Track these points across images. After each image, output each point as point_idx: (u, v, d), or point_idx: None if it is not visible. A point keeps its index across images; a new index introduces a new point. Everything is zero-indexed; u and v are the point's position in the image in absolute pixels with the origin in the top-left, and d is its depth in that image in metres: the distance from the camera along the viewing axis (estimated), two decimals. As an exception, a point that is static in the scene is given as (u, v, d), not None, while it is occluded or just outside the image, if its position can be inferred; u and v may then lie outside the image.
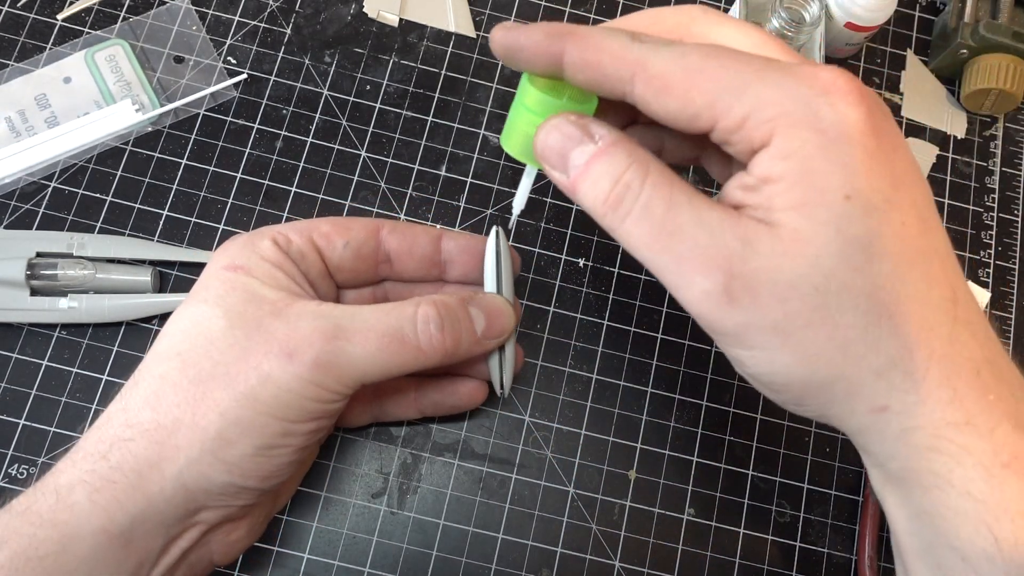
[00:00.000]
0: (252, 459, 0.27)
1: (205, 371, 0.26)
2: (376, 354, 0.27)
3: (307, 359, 0.26)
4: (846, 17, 0.40)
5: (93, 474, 0.25)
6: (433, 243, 0.32)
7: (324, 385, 0.27)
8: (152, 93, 0.40)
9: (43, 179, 0.38)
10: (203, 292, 0.28)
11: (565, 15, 0.43)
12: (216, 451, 0.26)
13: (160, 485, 0.26)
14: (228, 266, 0.28)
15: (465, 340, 0.29)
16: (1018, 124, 0.45)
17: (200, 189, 0.39)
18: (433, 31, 0.42)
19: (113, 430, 0.26)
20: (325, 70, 0.41)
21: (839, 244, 0.22)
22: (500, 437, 0.37)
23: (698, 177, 0.42)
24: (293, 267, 0.29)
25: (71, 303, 0.35)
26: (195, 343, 0.27)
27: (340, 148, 0.40)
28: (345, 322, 0.27)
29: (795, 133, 0.22)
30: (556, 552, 0.36)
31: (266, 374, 0.26)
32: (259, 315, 0.27)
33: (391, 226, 0.32)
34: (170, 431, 0.26)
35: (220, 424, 0.26)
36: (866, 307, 0.22)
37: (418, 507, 0.36)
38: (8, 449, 0.35)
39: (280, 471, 0.28)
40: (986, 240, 0.42)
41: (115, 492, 0.25)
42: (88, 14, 0.41)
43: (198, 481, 0.26)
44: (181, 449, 0.26)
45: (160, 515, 0.26)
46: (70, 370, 0.36)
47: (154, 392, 0.26)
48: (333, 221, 0.31)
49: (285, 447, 0.27)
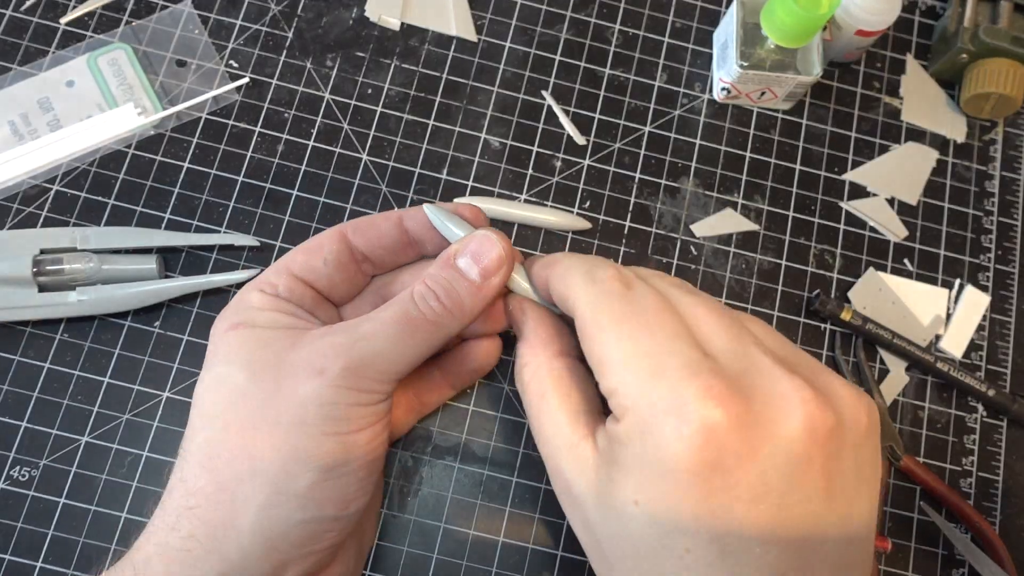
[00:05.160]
0: (321, 485, 0.26)
1: (247, 420, 0.26)
2: (396, 342, 0.28)
3: (337, 368, 0.27)
4: (856, 25, 0.40)
5: (166, 546, 0.25)
6: (397, 228, 0.32)
7: (361, 387, 0.27)
8: (154, 97, 0.40)
9: (46, 182, 0.39)
10: (214, 357, 0.28)
11: (566, 19, 0.44)
12: (283, 488, 0.26)
13: (237, 543, 0.25)
14: (229, 327, 0.29)
15: (466, 295, 0.29)
16: (1018, 128, 0.45)
17: (202, 192, 0.39)
18: (435, 35, 0.43)
19: (175, 502, 0.26)
20: (327, 74, 0.41)
21: (616, 530, 0.24)
22: (501, 440, 0.37)
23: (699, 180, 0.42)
24: (289, 305, 0.30)
25: (80, 296, 0.36)
26: (227, 401, 0.27)
27: (342, 151, 0.40)
28: (358, 327, 0.28)
29: (629, 430, 0.24)
30: (556, 555, 0.36)
31: (303, 397, 0.26)
32: (277, 355, 0.27)
33: (352, 226, 0.32)
34: (233, 487, 0.26)
35: (278, 460, 0.26)
36: None
37: (419, 510, 0.36)
38: (10, 451, 0.35)
39: (352, 493, 0.28)
40: (986, 244, 0.42)
41: (192, 559, 0.25)
42: (91, 18, 0.41)
43: (275, 526, 0.26)
44: (249, 500, 0.25)
45: (245, 574, 0.26)
46: (72, 372, 0.36)
47: (206, 456, 0.26)
48: (302, 248, 0.32)
49: (347, 464, 0.27)
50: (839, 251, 0.42)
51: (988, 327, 0.41)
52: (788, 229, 0.42)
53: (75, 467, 0.35)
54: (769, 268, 0.41)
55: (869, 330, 0.39)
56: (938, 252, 0.42)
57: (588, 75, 0.43)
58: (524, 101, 0.42)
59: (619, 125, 0.42)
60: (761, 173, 0.42)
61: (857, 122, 0.44)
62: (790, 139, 0.43)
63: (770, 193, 0.42)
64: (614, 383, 0.25)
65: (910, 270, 0.42)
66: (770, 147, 0.43)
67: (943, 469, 0.39)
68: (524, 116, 0.42)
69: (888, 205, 0.42)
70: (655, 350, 0.24)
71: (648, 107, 0.43)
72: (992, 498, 0.39)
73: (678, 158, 0.42)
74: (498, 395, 0.38)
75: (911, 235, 0.42)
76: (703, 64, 0.44)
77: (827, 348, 0.40)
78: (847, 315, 0.39)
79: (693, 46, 0.44)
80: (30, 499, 0.35)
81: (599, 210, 0.41)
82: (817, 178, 0.43)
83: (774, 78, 0.40)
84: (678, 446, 0.22)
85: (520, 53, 0.43)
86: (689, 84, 0.43)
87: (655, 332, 0.25)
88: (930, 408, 0.40)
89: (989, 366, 0.41)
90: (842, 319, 0.39)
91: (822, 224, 0.42)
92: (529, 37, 0.43)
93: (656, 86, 0.43)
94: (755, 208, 0.42)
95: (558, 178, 0.41)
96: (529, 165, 0.41)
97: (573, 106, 0.42)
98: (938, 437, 0.39)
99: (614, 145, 0.42)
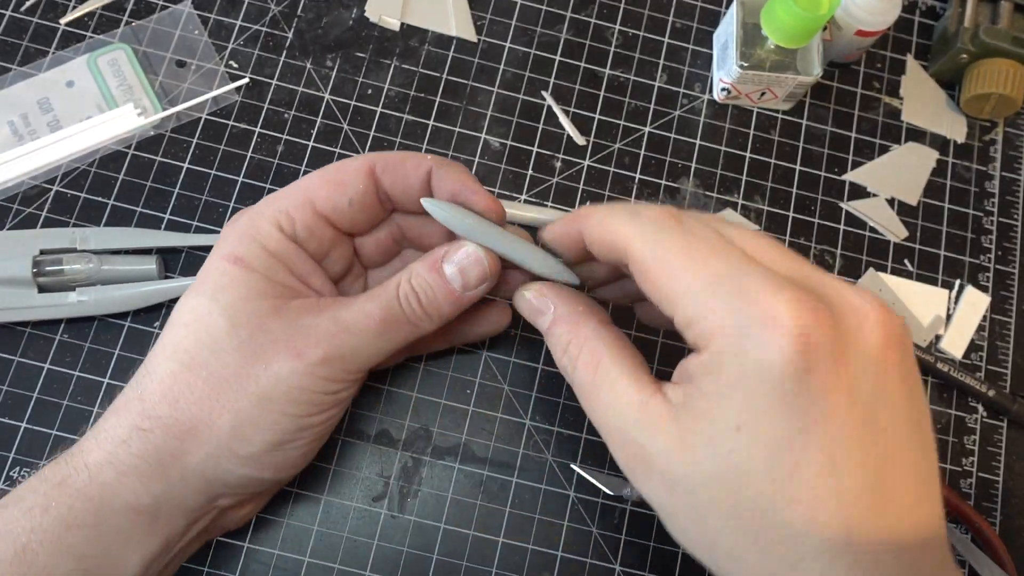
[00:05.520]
0: (268, 454, 0.28)
1: (216, 373, 0.27)
2: (376, 339, 0.29)
3: (315, 356, 0.27)
4: (856, 25, 0.40)
5: (116, 457, 0.27)
6: (425, 181, 0.30)
7: (334, 377, 0.28)
8: (154, 97, 0.40)
9: (45, 182, 0.39)
10: (203, 283, 0.28)
11: (566, 20, 0.44)
12: (233, 447, 0.27)
13: (181, 474, 0.27)
14: (228, 256, 0.28)
15: (446, 302, 0.30)
16: (1018, 128, 0.45)
17: (202, 193, 0.39)
18: (434, 35, 0.43)
19: (131, 418, 0.27)
20: (327, 74, 0.41)
21: (712, 469, 0.23)
22: (501, 441, 0.37)
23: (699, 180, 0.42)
24: (294, 252, 0.30)
25: (80, 296, 0.36)
26: (201, 341, 0.28)
27: (342, 152, 0.40)
28: (343, 314, 0.28)
29: (720, 353, 0.23)
30: (556, 556, 0.36)
31: (276, 374, 0.27)
32: (259, 315, 0.28)
33: (381, 164, 0.30)
34: (187, 428, 0.27)
35: (235, 422, 0.27)
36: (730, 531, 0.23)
37: (419, 511, 0.36)
38: (10, 452, 0.35)
39: (294, 463, 0.30)
40: (986, 244, 0.42)
41: (139, 476, 0.27)
42: (91, 18, 0.41)
43: (216, 473, 0.28)
44: (200, 445, 0.27)
45: (182, 499, 0.28)
46: (71, 373, 0.36)
47: (169, 388, 0.27)
48: (327, 179, 0.30)
49: (299, 440, 0.29)
50: (839, 252, 0.42)
51: (988, 327, 0.41)
52: (788, 229, 0.42)
53: (75, 468, 0.35)
54: (769, 268, 0.41)
55: (869, 330, 0.39)
56: (938, 252, 0.42)
57: (588, 75, 0.43)
58: (524, 101, 0.42)
59: (619, 125, 0.42)
60: (761, 173, 0.42)
61: (857, 122, 0.44)
62: (790, 139, 0.43)
63: (770, 193, 0.42)
64: (694, 310, 0.24)
65: (910, 270, 0.42)
66: (770, 147, 0.43)
67: (943, 470, 0.39)
68: (524, 116, 0.42)
69: (888, 205, 0.42)
70: (731, 272, 0.23)
71: (648, 107, 0.43)
72: (992, 498, 0.39)
73: (678, 158, 0.42)
74: (498, 395, 0.38)
75: (911, 235, 0.42)
76: (703, 64, 0.44)
77: (827, 348, 0.40)
78: (847, 315, 0.39)
79: (693, 47, 0.44)
80: (30, 500, 0.35)
81: (599, 210, 0.41)
82: (817, 178, 0.43)
83: (774, 78, 0.40)
84: (777, 357, 0.22)
85: (520, 53, 0.43)
86: (689, 85, 0.43)
87: (725, 256, 0.24)
88: (930, 408, 0.40)
89: (989, 366, 0.41)
90: (842, 319, 0.39)
91: (822, 224, 0.42)
92: (529, 37, 0.43)
93: (656, 86, 0.43)
94: (755, 208, 0.42)
95: (558, 178, 0.41)
96: (529, 165, 0.41)
97: (573, 106, 0.42)
98: (938, 438, 0.39)
99: (614, 145, 0.42)
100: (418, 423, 0.37)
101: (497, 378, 0.38)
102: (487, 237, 0.30)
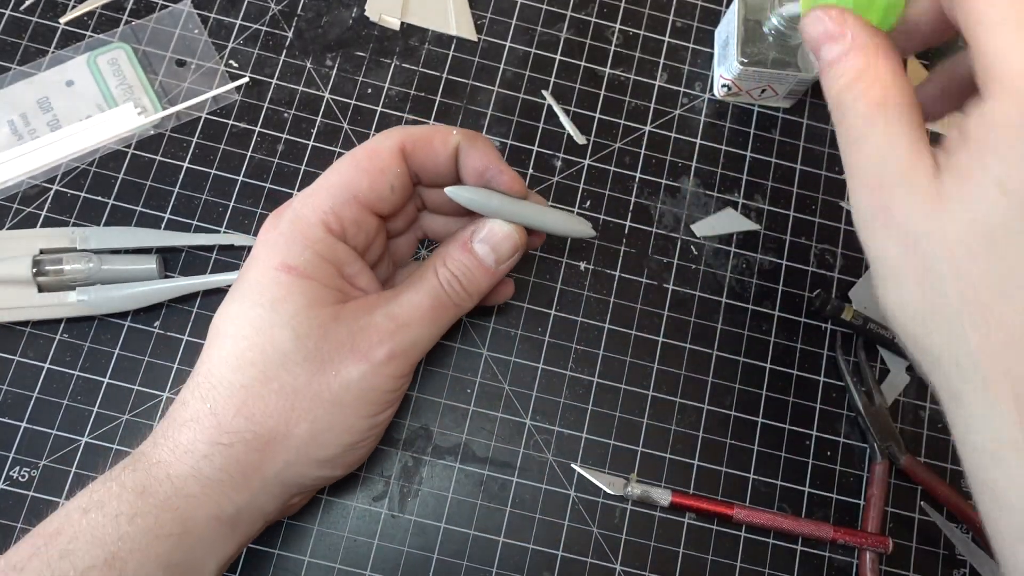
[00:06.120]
0: (343, 456, 0.30)
1: (287, 384, 0.28)
2: (430, 327, 0.30)
3: (381, 356, 0.29)
4: None
5: (200, 472, 0.27)
6: (452, 160, 0.31)
7: (399, 373, 0.30)
8: (154, 96, 0.40)
9: (45, 182, 0.38)
10: (258, 294, 0.28)
11: (567, 19, 0.44)
12: (311, 454, 0.29)
13: (261, 483, 0.28)
14: (281, 266, 0.28)
15: (483, 279, 0.31)
16: (1019, 127, 0.45)
17: (202, 192, 0.39)
18: (435, 34, 0.43)
19: (208, 433, 0.28)
20: (327, 73, 0.41)
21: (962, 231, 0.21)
22: (501, 440, 0.37)
23: (700, 179, 0.42)
24: (343, 253, 0.30)
25: (80, 296, 0.36)
26: (267, 355, 0.28)
27: (342, 151, 0.40)
28: (395, 310, 0.30)
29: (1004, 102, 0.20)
30: (557, 555, 0.36)
31: (346, 379, 0.28)
32: (321, 323, 0.28)
33: (411, 142, 0.30)
34: (267, 440, 0.28)
35: (312, 430, 0.28)
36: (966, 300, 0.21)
37: (419, 510, 0.36)
38: (10, 452, 0.35)
39: (362, 457, 0.32)
40: (987, 243, 0.42)
41: (223, 488, 0.28)
42: (91, 18, 0.41)
43: (294, 479, 0.29)
44: (279, 454, 0.28)
45: (261, 505, 0.29)
46: (71, 372, 0.36)
47: (243, 402, 0.28)
48: (365, 169, 0.30)
49: (370, 437, 0.31)
50: (840, 250, 0.41)
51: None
52: (789, 229, 0.41)
53: (75, 467, 0.35)
54: (770, 268, 0.41)
55: (870, 330, 0.39)
56: (939, 251, 0.42)
57: (588, 74, 0.43)
58: (524, 101, 0.42)
59: (619, 124, 0.42)
60: (762, 172, 0.42)
61: (858, 121, 0.44)
62: (791, 138, 0.43)
63: (771, 192, 0.42)
64: (996, 45, 0.21)
65: (911, 270, 0.42)
66: (771, 146, 0.43)
67: (944, 469, 0.39)
68: (524, 116, 0.42)
69: (889, 204, 0.42)
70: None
71: (648, 106, 0.43)
72: (993, 498, 0.39)
73: (678, 157, 0.42)
74: (499, 394, 0.38)
75: (912, 234, 0.42)
76: (703, 63, 0.44)
77: (828, 348, 0.40)
78: (848, 315, 0.39)
79: (694, 45, 0.44)
80: (30, 499, 0.35)
81: (599, 210, 0.41)
82: (818, 177, 0.43)
83: (775, 75, 0.40)
84: None
85: (520, 53, 0.43)
86: (690, 83, 0.43)
87: None
88: (931, 408, 0.40)
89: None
90: (843, 319, 0.39)
91: (823, 223, 0.42)
92: (529, 37, 0.43)
93: (656, 85, 0.43)
94: (756, 207, 0.42)
95: (558, 178, 0.41)
96: (529, 165, 0.41)
97: (573, 106, 0.42)
98: (939, 437, 0.39)
99: (614, 145, 0.42)
100: (418, 422, 0.37)
101: (497, 377, 0.38)
102: (512, 213, 0.31)
